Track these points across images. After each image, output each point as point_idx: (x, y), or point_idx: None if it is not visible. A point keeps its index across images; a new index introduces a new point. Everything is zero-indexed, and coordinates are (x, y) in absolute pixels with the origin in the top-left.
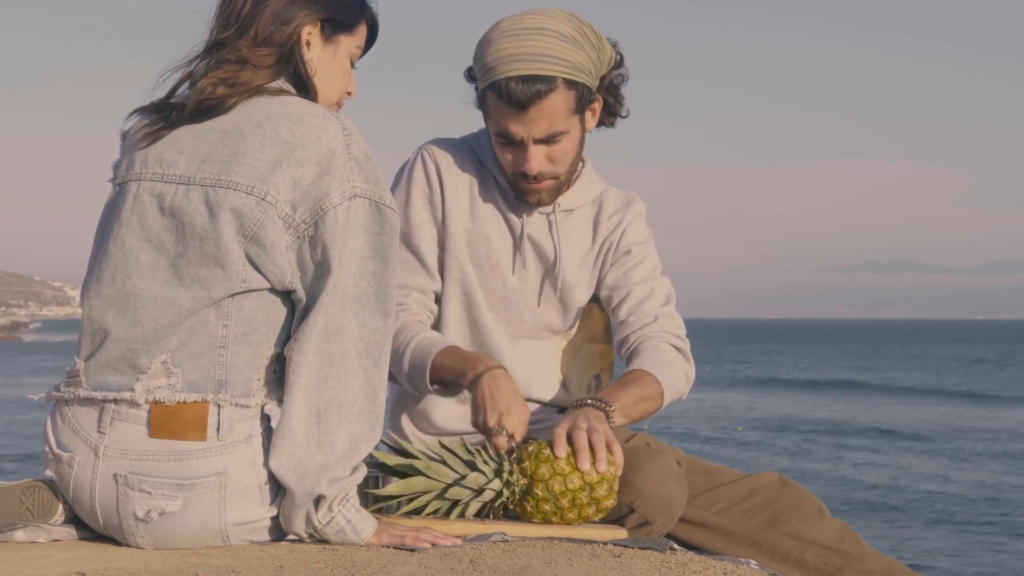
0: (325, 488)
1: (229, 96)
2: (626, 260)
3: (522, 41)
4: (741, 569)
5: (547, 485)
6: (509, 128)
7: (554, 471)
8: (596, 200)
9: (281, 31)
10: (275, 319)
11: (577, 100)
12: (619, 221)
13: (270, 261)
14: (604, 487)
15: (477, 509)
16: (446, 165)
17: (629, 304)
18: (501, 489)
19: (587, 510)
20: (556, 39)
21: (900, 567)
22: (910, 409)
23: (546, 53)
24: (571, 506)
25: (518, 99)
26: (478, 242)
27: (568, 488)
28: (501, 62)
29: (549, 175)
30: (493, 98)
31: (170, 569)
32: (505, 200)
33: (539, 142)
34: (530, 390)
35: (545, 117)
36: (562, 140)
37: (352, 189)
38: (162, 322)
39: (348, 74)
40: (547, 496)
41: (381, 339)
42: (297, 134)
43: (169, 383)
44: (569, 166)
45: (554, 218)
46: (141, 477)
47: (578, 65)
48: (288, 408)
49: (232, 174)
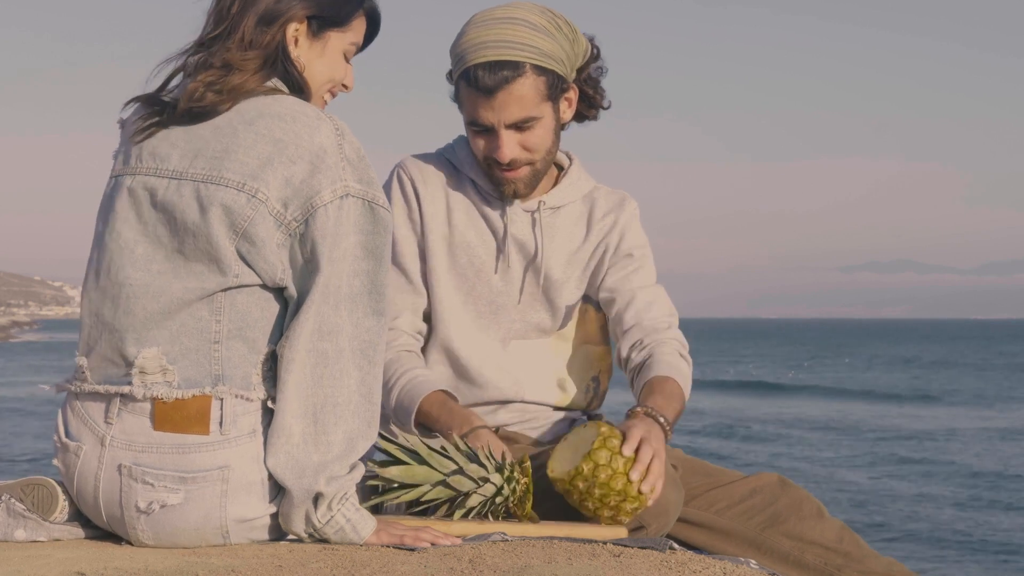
0: (323, 486)
1: (220, 103)
2: (627, 263)
3: (491, 30)
4: (740, 569)
5: (596, 470)
6: (479, 115)
7: (611, 463)
8: (587, 197)
9: (266, 33)
10: (270, 315)
11: (548, 87)
12: (615, 221)
13: (261, 258)
14: (632, 506)
15: (478, 504)
16: (421, 180)
17: (637, 308)
18: (502, 485)
19: (604, 512)
20: (525, 27)
21: (900, 568)
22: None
23: (514, 40)
24: (599, 500)
25: (485, 85)
26: (459, 251)
27: (611, 486)
28: (470, 50)
29: (523, 161)
30: (464, 86)
31: (170, 569)
32: (486, 202)
33: (510, 127)
34: (523, 391)
35: (514, 102)
36: (534, 127)
37: (344, 188)
38: (152, 311)
39: (339, 68)
40: (588, 478)
41: (375, 338)
42: (289, 132)
43: (165, 380)
44: (545, 154)
45: (538, 215)
46: (144, 469)
47: (547, 52)
48: (282, 406)
49: (223, 170)
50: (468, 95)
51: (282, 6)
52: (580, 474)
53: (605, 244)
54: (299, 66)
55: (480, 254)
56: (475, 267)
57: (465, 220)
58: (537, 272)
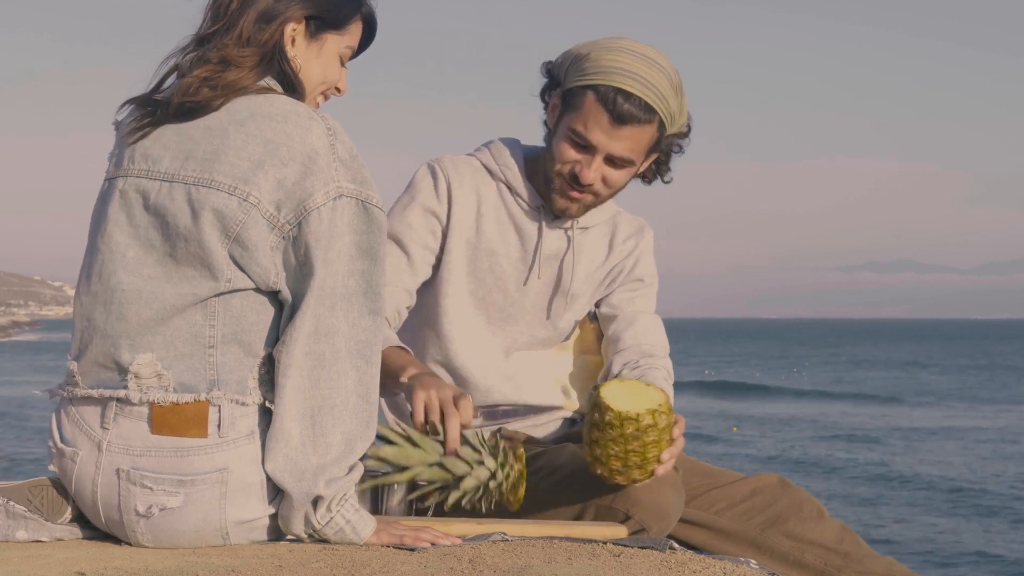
0: (323, 489)
1: (214, 98)
2: (636, 287)
3: (643, 66)
4: (740, 568)
5: (650, 429)
6: (592, 133)
7: (661, 432)
8: (610, 220)
9: (265, 30)
10: (265, 319)
11: (655, 142)
12: (634, 247)
13: (254, 262)
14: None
15: (472, 489)
16: (457, 181)
17: (636, 330)
18: (496, 469)
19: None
20: (667, 80)
21: (900, 568)
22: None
23: (659, 88)
24: (626, 450)
25: (620, 112)
26: (482, 256)
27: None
28: (619, 72)
29: (594, 192)
30: (592, 99)
31: (170, 569)
32: (523, 213)
33: (607, 160)
34: (523, 396)
35: (630, 141)
36: (624, 169)
37: (338, 189)
38: (146, 317)
39: (334, 70)
40: (642, 428)
41: (371, 338)
42: (281, 133)
43: (160, 384)
44: (611, 195)
45: (572, 234)
46: (143, 473)
47: (671, 113)
48: (280, 410)
49: (215, 173)
50: (595, 110)
51: (282, 5)
52: (637, 420)
53: (621, 267)
54: (295, 66)
55: (502, 263)
56: (495, 275)
57: (494, 228)
58: (562, 290)
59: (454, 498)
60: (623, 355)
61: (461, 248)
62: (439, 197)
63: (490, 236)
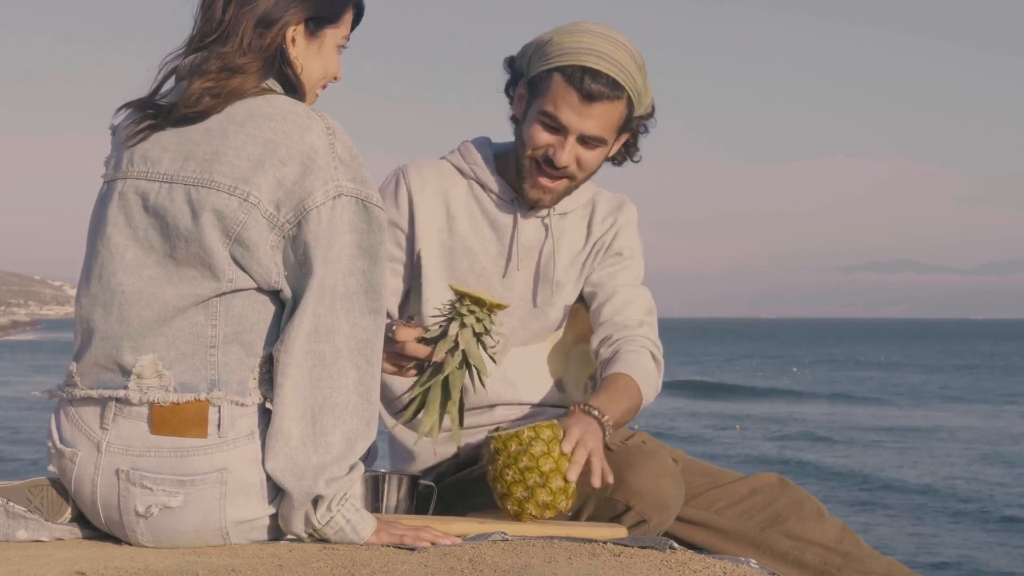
0: (323, 488)
1: (216, 107)
2: (615, 261)
3: (607, 44)
4: (740, 568)
5: (534, 442)
6: (563, 113)
7: (549, 446)
8: (589, 202)
9: (265, 36)
10: (266, 318)
11: (625, 120)
12: (612, 223)
13: (255, 261)
14: (545, 498)
15: (455, 358)
16: (418, 187)
17: (614, 304)
18: (458, 330)
19: (517, 490)
20: (632, 60)
21: (900, 567)
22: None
23: (624, 65)
24: (520, 472)
25: (589, 90)
26: (460, 257)
27: (539, 463)
28: (583, 52)
29: (568, 175)
30: (559, 80)
31: (170, 568)
32: (496, 207)
33: (580, 140)
34: (519, 394)
35: (601, 119)
36: (597, 149)
37: (337, 188)
38: (147, 319)
39: (333, 63)
40: (524, 443)
41: (372, 337)
42: (280, 133)
43: (161, 384)
44: (586, 177)
45: (549, 222)
46: (143, 473)
47: (638, 90)
48: (279, 409)
49: (214, 173)
50: (563, 90)
51: (280, 9)
52: (518, 436)
53: (600, 243)
54: (297, 67)
55: (481, 260)
56: (475, 273)
57: (468, 226)
58: (546, 278)
59: (453, 372)
60: (600, 332)
61: (435, 252)
62: (398, 206)
63: (465, 235)
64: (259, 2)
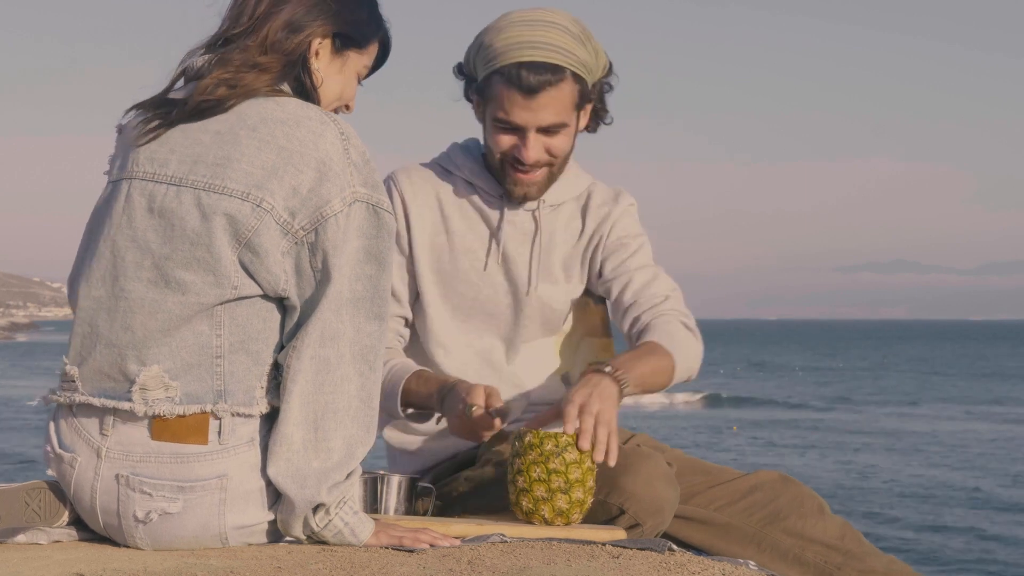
0: (325, 496)
1: (228, 98)
2: (622, 251)
3: (535, 31)
4: (739, 570)
5: (568, 448)
6: (513, 113)
7: (580, 460)
8: (583, 194)
9: (291, 39)
10: (272, 326)
11: (580, 95)
12: (607, 213)
13: (264, 268)
14: (562, 504)
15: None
16: (410, 192)
17: (634, 288)
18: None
19: (538, 489)
20: (566, 34)
21: (900, 565)
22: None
23: (558, 44)
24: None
25: (528, 84)
26: (461, 256)
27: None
28: (513, 48)
29: (544, 163)
30: (500, 83)
31: (168, 570)
32: (485, 204)
33: (540, 131)
34: (529, 394)
35: (552, 106)
36: (561, 132)
37: (353, 194)
38: (152, 328)
39: (351, 87)
40: (561, 446)
41: (375, 343)
42: (294, 139)
43: (168, 396)
44: (562, 160)
45: (539, 214)
46: (142, 479)
47: (583, 61)
48: (284, 415)
49: (226, 179)
50: (506, 93)
51: (310, 17)
52: (555, 437)
53: (599, 236)
54: (317, 79)
55: (481, 257)
56: (477, 271)
57: (464, 224)
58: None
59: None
60: (627, 316)
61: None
62: (395, 217)
63: (462, 233)
64: (291, 4)
